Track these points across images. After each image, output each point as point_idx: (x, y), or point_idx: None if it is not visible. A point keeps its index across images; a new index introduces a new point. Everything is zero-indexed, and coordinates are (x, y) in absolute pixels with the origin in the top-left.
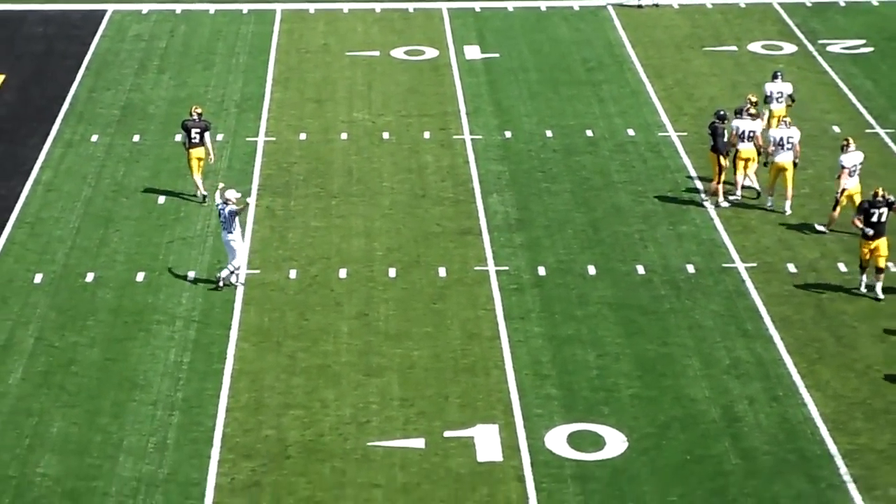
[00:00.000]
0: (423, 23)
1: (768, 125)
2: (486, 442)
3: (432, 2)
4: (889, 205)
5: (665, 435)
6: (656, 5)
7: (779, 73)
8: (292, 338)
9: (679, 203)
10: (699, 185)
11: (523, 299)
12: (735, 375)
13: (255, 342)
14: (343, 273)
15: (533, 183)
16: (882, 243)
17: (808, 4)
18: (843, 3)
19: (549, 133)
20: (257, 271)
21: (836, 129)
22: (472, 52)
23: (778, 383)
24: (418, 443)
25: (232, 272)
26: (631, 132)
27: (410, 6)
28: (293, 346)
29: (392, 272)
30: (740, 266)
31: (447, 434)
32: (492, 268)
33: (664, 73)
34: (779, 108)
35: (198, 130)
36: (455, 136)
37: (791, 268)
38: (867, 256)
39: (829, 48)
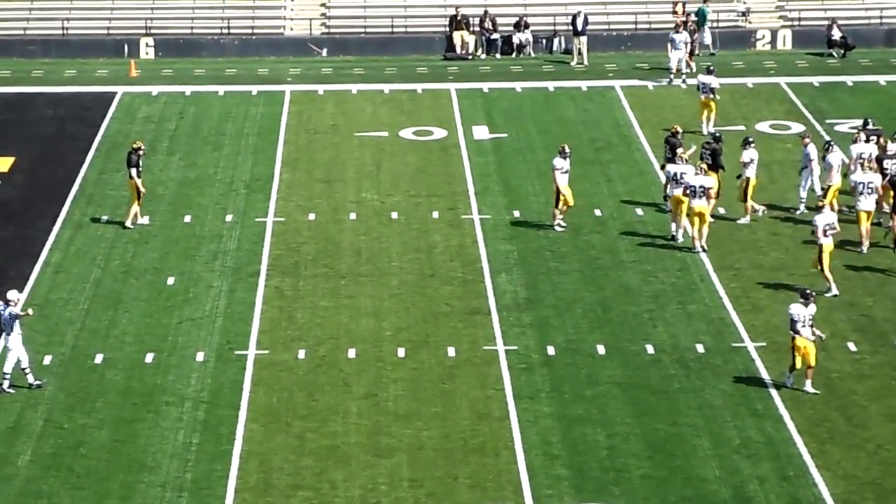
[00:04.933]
0: (431, 103)
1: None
2: None
3: (441, 83)
4: None
5: None
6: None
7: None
8: (301, 418)
9: (688, 282)
10: (708, 264)
11: (532, 379)
12: (745, 455)
13: (263, 423)
14: (352, 353)
15: (541, 262)
16: None
17: (816, 84)
18: (850, 83)
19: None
20: (266, 351)
21: (846, 208)
22: (481, 132)
23: (788, 463)
24: None
25: (5, 376)
26: (639, 211)
27: (419, 87)
28: (302, 427)
29: (401, 352)
30: (750, 345)
31: None
32: (501, 347)
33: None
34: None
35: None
36: (464, 216)
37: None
38: None
39: (836, 127)
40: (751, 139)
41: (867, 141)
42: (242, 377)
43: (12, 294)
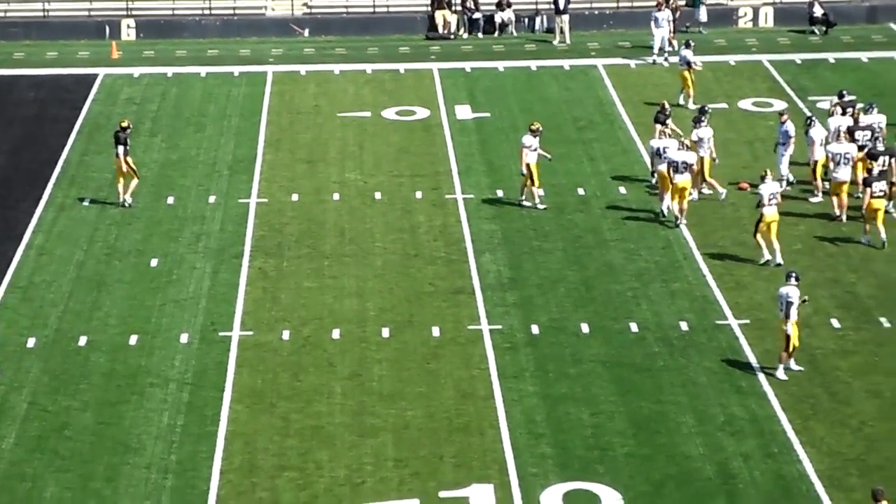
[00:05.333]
0: (413, 83)
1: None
2: (482, 502)
3: (423, 62)
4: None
5: (660, 493)
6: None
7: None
8: (286, 399)
9: (671, 260)
10: (692, 242)
11: (517, 358)
12: (730, 433)
13: (248, 404)
14: (336, 333)
15: (525, 241)
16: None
17: (798, 62)
18: (832, 60)
19: (540, 192)
20: (250, 332)
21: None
22: (463, 111)
23: (772, 440)
24: (413, 503)
25: None
26: (622, 190)
27: (401, 67)
28: (287, 408)
29: (385, 332)
30: (733, 323)
31: (442, 494)
32: (485, 327)
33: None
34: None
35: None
36: (447, 196)
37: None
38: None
39: (819, 104)
40: (703, 118)
41: (843, 113)
42: (227, 358)
43: None
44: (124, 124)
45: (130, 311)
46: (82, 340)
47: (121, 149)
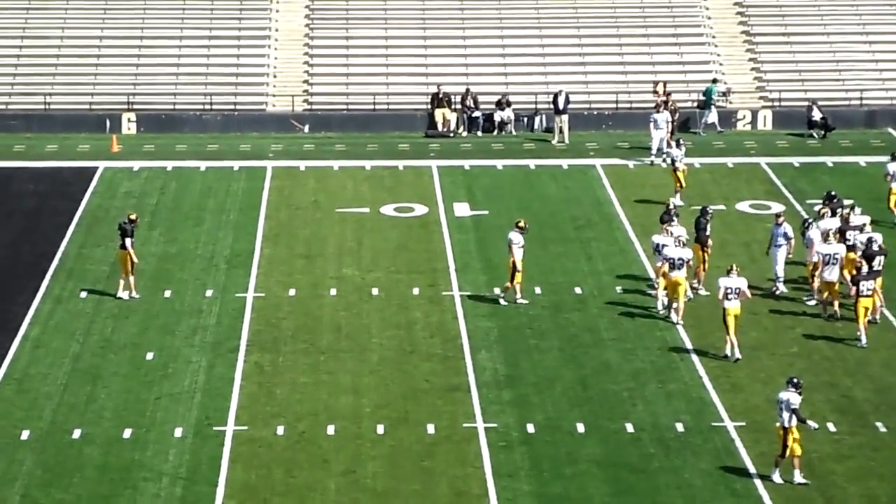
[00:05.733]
0: (412, 180)
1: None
2: None
3: (422, 159)
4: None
5: None
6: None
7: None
8: (279, 495)
9: (668, 361)
10: (688, 343)
11: (512, 457)
12: None
13: (241, 499)
14: (331, 429)
15: (521, 340)
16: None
17: (796, 164)
18: (830, 164)
19: (537, 290)
20: (245, 427)
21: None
22: (462, 209)
23: None
24: None
25: None
26: (619, 289)
27: (400, 164)
28: None
29: (380, 429)
30: (729, 425)
31: None
32: (480, 425)
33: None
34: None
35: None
36: (444, 293)
37: (812, 424)
38: None
39: (816, 208)
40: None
41: (833, 215)
42: (221, 453)
43: None
44: (132, 217)
45: (125, 405)
46: (76, 433)
47: (128, 241)
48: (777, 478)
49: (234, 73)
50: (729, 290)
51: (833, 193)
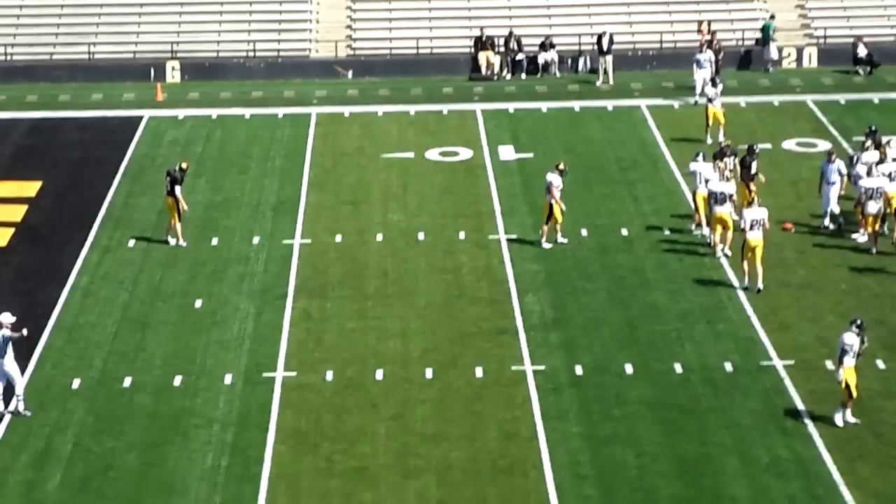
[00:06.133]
0: (457, 124)
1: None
2: None
3: (466, 103)
4: None
5: None
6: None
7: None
8: (329, 440)
9: (716, 301)
10: (736, 283)
11: (560, 399)
12: (775, 474)
13: (292, 445)
14: (379, 374)
15: (568, 282)
16: None
17: (842, 102)
18: (876, 101)
19: (584, 232)
20: (294, 373)
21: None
22: (507, 152)
23: (818, 481)
24: None
25: (19, 399)
26: (666, 231)
27: (444, 108)
28: (330, 449)
29: (429, 373)
30: (778, 364)
31: None
32: (528, 368)
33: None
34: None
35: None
36: (490, 237)
37: (829, 365)
38: None
39: (859, 141)
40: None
41: (877, 148)
42: (270, 399)
43: (5, 317)
44: (184, 165)
45: (175, 353)
46: (127, 381)
47: (178, 189)
48: (840, 420)
49: (276, 19)
50: (755, 222)
51: (874, 127)
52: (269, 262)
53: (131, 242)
